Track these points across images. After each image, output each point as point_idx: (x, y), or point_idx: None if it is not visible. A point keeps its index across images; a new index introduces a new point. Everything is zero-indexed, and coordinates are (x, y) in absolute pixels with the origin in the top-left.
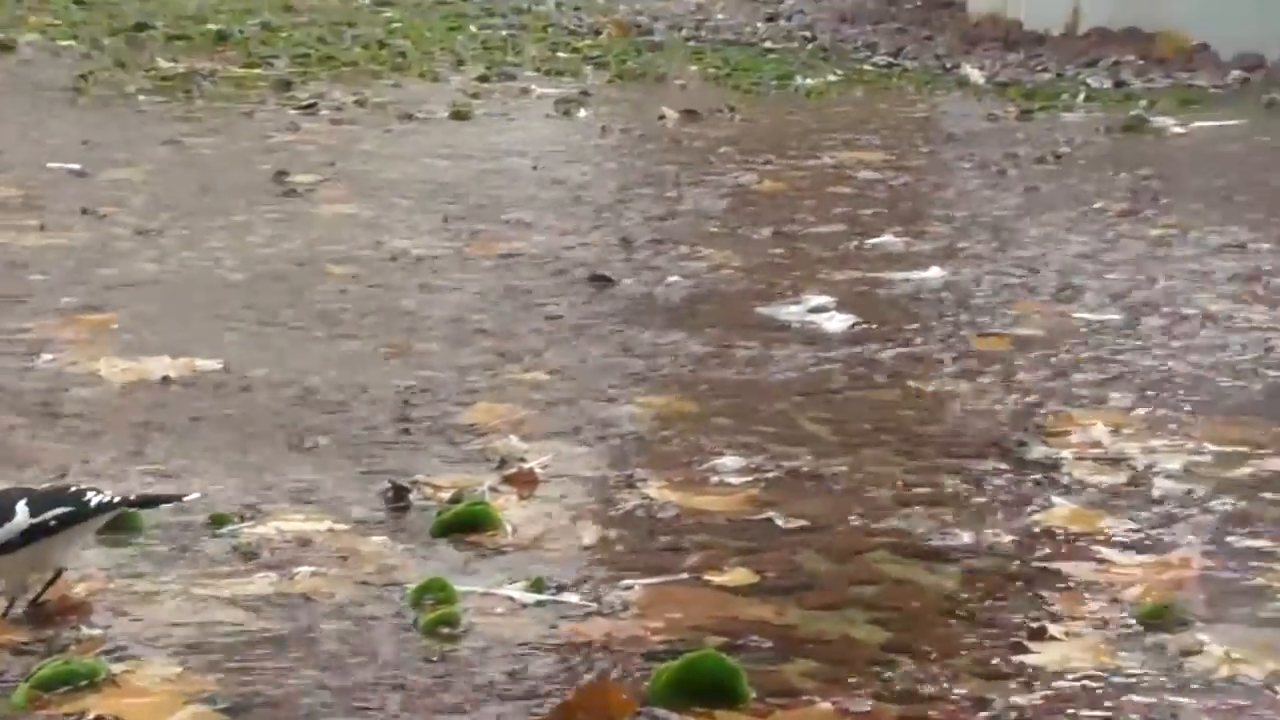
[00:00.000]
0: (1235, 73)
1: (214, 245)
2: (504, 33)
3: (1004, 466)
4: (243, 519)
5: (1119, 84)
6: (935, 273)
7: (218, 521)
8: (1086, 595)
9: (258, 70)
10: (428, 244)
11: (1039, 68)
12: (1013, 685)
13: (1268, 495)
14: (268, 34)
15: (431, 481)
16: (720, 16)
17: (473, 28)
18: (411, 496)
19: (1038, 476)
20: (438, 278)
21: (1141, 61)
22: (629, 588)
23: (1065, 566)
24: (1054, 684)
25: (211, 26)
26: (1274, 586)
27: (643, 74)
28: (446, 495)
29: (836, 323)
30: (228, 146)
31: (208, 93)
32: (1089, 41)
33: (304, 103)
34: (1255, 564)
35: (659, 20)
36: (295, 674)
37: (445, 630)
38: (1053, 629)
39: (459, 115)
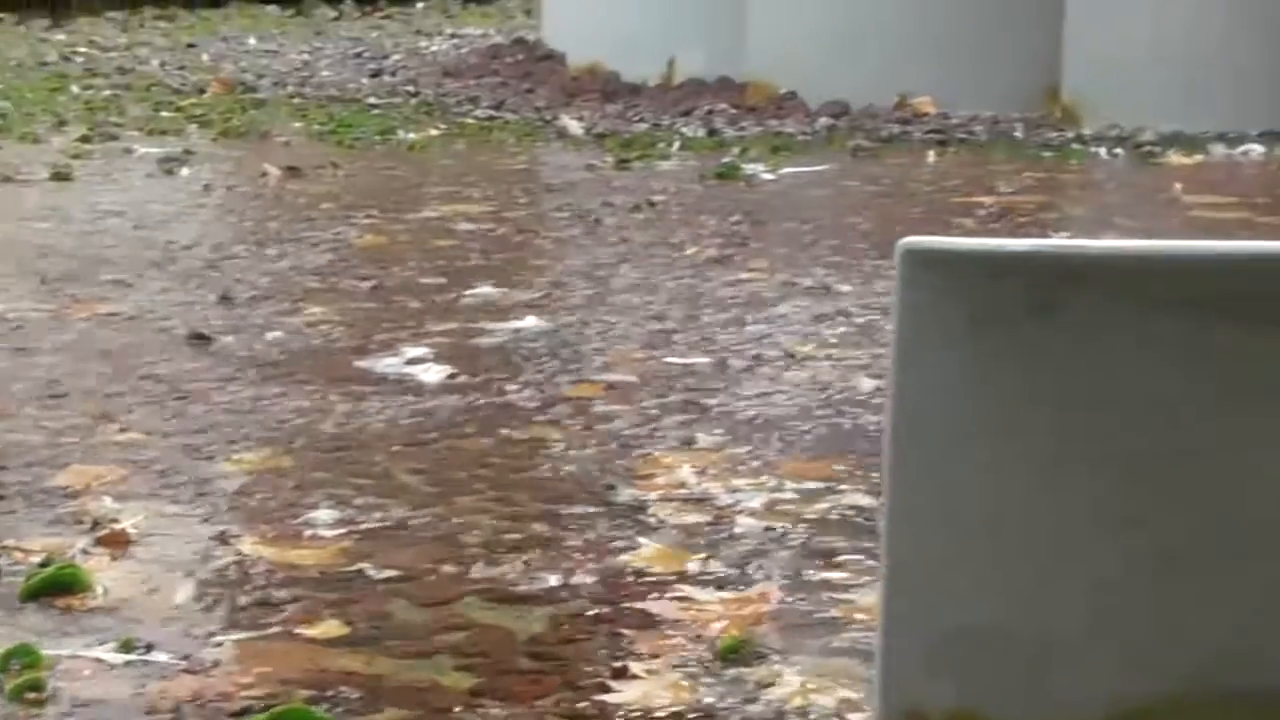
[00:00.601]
0: (823, 119)
1: None
2: (107, 93)
3: (593, 510)
4: None
5: (712, 132)
6: (531, 322)
7: None
8: (670, 633)
9: None
10: (24, 307)
11: (636, 118)
12: None
13: (845, 529)
14: None
15: (21, 546)
16: (325, 73)
17: (75, 88)
18: (0, 562)
19: (625, 519)
20: (33, 340)
21: (734, 110)
22: (219, 644)
23: (649, 606)
24: None
25: None
26: (847, 617)
27: (246, 131)
28: (36, 559)
29: (433, 374)
30: None
31: None
32: (684, 91)
33: None
34: (830, 596)
35: (264, 78)
36: None
37: (31, 695)
38: (635, 668)
39: (60, 176)
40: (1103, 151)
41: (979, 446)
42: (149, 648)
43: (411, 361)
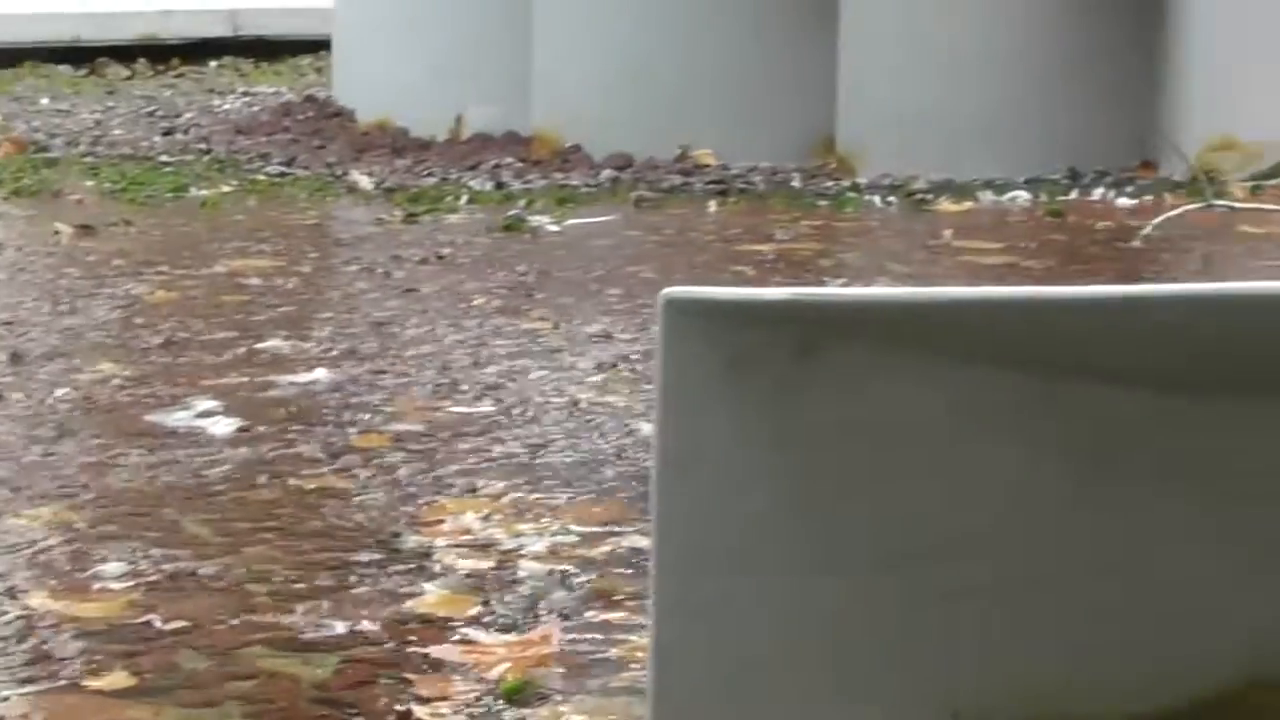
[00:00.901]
0: (607, 171)
1: None
2: None
3: (379, 557)
4: None
5: (499, 185)
6: (321, 374)
7: None
8: (454, 676)
9: None
10: None
11: (425, 173)
12: None
13: (626, 571)
14: None
15: None
16: (118, 132)
17: None
18: None
19: (411, 565)
20: None
21: (520, 163)
22: (5, 699)
23: (434, 650)
24: None
25: None
26: (627, 657)
27: (38, 191)
28: None
29: (223, 427)
30: None
31: None
32: (471, 146)
33: None
34: (611, 637)
35: (56, 136)
36: None
37: None
38: (420, 711)
39: None
40: (877, 200)
41: (741, 487)
42: None
43: (202, 415)
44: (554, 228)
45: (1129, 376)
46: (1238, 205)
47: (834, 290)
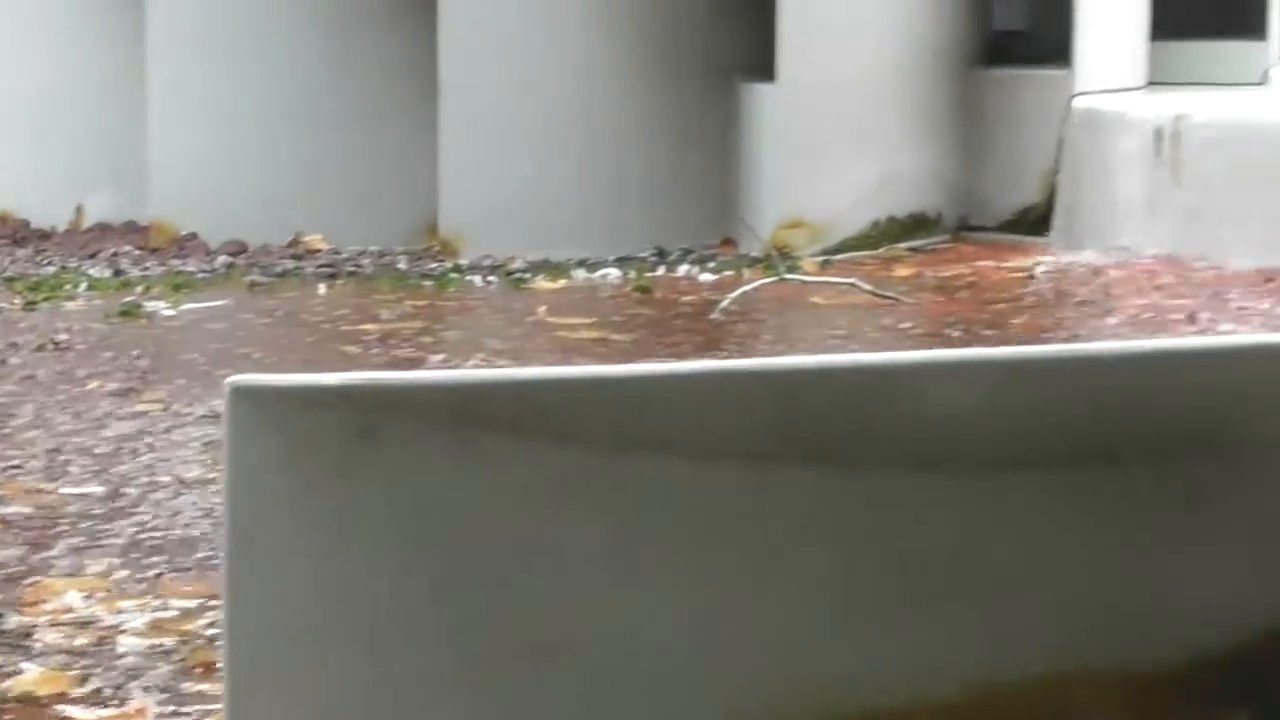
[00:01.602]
0: (222, 257)
1: None
2: None
3: None
4: None
5: (118, 273)
6: None
7: None
8: None
9: None
10: None
11: (45, 262)
12: None
13: (222, 644)
14: None
15: None
16: None
17: None
18: None
19: (11, 645)
20: None
21: (139, 251)
22: None
23: None
24: None
25: None
26: None
27: None
28: None
29: None
30: None
31: None
32: (91, 235)
33: None
34: (207, 707)
35: None
36: None
37: None
38: None
39: None
40: (478, 279)
41: (306, 564)
42: None
43: None
44: (170, 313)
45: (677, 446)
46: (807, 278)
47: (391, 375)
